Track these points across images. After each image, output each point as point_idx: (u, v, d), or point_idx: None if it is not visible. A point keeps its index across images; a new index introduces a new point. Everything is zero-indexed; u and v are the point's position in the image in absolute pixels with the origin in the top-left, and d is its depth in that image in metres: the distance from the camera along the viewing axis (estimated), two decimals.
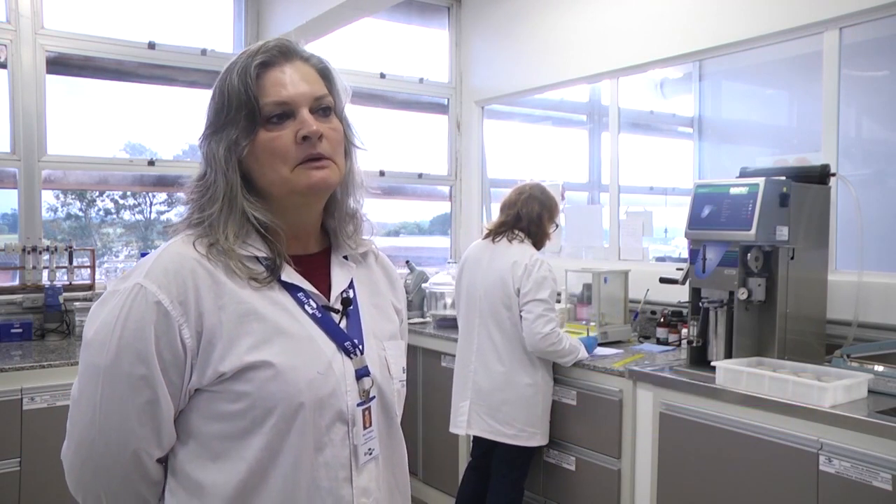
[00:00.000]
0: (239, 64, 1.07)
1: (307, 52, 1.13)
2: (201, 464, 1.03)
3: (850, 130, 3.53)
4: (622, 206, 3.99)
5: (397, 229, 5.11)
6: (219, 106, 1.07)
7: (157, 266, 1.02)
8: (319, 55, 1.15)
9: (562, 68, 4.15)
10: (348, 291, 1.16)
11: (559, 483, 3.09)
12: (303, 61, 1.11)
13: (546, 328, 2.86)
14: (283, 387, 1.01)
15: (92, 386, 1.01)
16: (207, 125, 1.09)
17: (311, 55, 1.13)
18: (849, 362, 2.49)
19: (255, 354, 1.01)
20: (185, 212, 1.11)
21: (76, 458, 1.04)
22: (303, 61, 1.11)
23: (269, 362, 1.01)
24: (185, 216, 1.10)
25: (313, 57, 1.13)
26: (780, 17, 3.12)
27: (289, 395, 1.01)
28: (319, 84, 1.11)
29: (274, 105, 1.05)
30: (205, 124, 1.09)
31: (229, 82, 1.06)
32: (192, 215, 1.08)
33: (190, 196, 1.09)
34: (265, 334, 1.03)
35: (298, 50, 1.12)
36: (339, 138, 1.11)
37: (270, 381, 1.01)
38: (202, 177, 1.09)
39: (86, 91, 3.91)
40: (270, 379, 1.01)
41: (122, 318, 0.99)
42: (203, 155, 1.09)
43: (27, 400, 2.82)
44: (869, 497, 2.04)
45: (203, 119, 1.10)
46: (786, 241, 2.58)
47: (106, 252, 4.07)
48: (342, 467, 1.06)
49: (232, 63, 1.09)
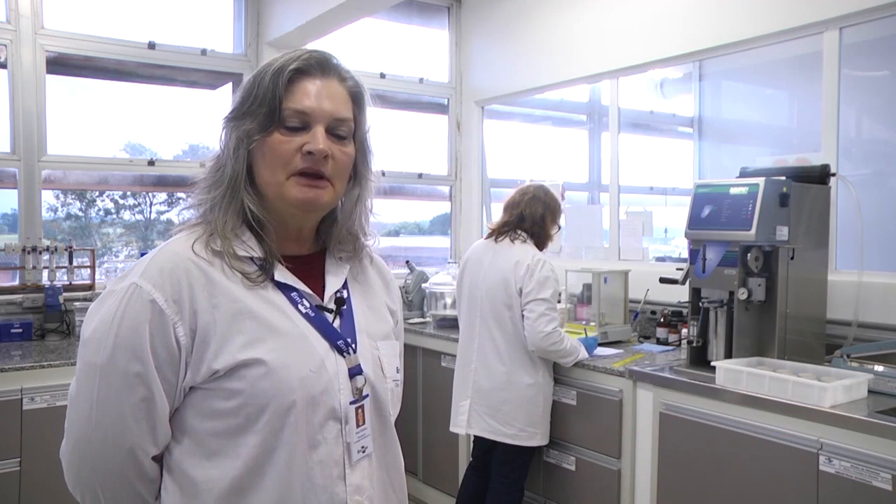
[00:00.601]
0: (277, 63, 1.09)
1: (347, 73, 1.14)
2: (196, 461, 1.04)
3: (850, 130, 3.53)
4: (622, 206, 3.99)
5: (397, 229, 5.11)
6: (245, 95, 1.09)
7: (153, 265, 1.04)
8: (357, 78, 1.16)
9: (562, 68, 4.15)
10: (342, 291, 1.17)
11: (559, 483, 3.09)
12: (339, 80, 1.12)
13: (548, 327, 2.86)
14: (275, 384, 1.03)
15: (89, 383, 1.02)
16: (231, 110, 1.11)
17: (350, 77, 1.14)
18: (849, 362, 2.49)
19: (248, 352, 1.03)
20: (195, 192, 1.13)
21: (74, 456, 1.05)
22: (339, 80, 1.12)
23: (261, 360, 1.03)
24: (194, 196, 1.12)
25: (351, 79, 1.15)
26: (780, 17, 3.12)
27: (281, 393, 1.03)
28: (346, 106, 1.12)
29: (293, 112, 1.07)
30: (230, 108, 1.12)
31: (262, 77, 1.08)
32: (199, 194, 1.11)
33: (204, 173, 1.12)
34: (258, 332, 1.04)
35: (338, 67, 1.13)
36: (347, 162, 1.12)
37: (263, 379, 1.02)
38: (217, 157, 1.12)
39: (86, 91, 3.91)
40: (263, 376, 1.02)
41: (118, 316, 1.01)
42: (220, 136, 1.12)
43: (27, 400, 2.82)
44: (869, 497, 2.04)
45: (229, 104, 1.12)
46: (786, 241, 2.58)
47: (106, 252, 4.07)
48: (336, 465, 1.08)
49: (273, 59, 1.11)
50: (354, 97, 1.14)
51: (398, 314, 1.31)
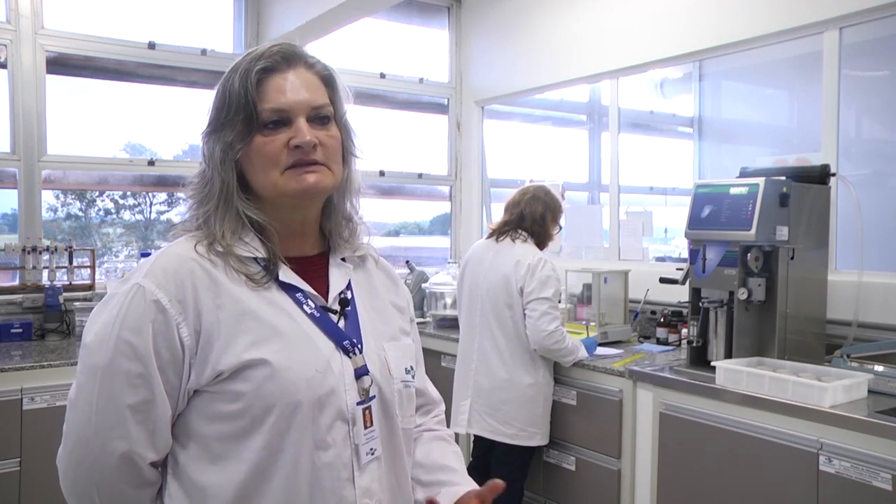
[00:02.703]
0: (242, 66, 1.08)
1: (312, 59, 1.13)
2: (203, 466, 1.03)
3: (850, 130, 3.54)
4: (622, 206, 3.99)
5: (397, 229, 5.11)
6: (219, 106, 1.08)
7: (156, 266, 1.03)
8: (324, 62, 1.14)
9: (562, 68, 4.15)
10: (346, 292, 1.16)
11: (559, 483, 3.09)
12: (306, 67, 1.11)
13: (550, 326, 2.86)
14: (280, 385, 1.01)
15: (90, 386, 1.01)
16: (208, 123, 1.10)
17: (316, 62, 1.13)
18: (849, 362, 2.49)
19: (253, 353, 1.02)
20: (186, 209, 1.12)
21: (71, 461, 1.04)
22: (306, 67, 1.11)
23: (265, 360, 1.01)
24: (185, 213, 1.12)
25: (318, 63, 1.13)
26: (780, 17, 3.12)
27: (287, 394, 1.01)
28: (321, 92, 1.11)
29: (271, 112, 1.06)
30: (206, 121, 1.10)
31: (231, 84, 1.07)
32: (190, 210, 1.10)
33: (190, 191, 1.11)
34: (262, 333, 1.03)
35: (303, 55, 1.12)
36: (335, 145, 1.11)
37: (268, 380, 1.01)
38: (202, 173, 1.10)
39: (86, 91, 3.91)
40: (268, 378, 1.01)
41: (120, 316, 1.00)
42: (202, 152, 1.10)
43: (27, 400, 2.81)
44: (869, 497, 2.04)
45: (205, 116, 1.11)
46: (786, 241, 2.58)
47: (106, 252, 4.07)
48: (344, 467, 1.06)
49: (236, 64, 1.09)
50: (326, 81, 1.13)
51: (409, 311, 1.29)
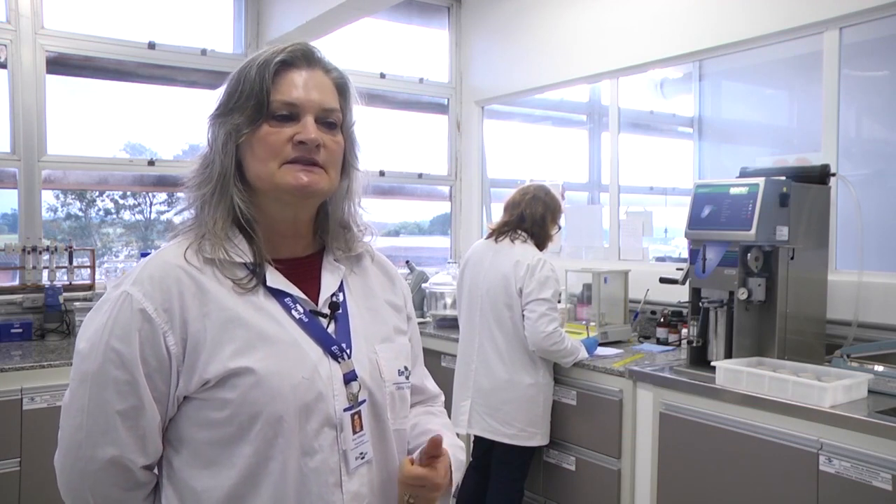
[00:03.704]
0: (262, 56, 1.09)
1: (331, 65, 1.15)
2: (196, 471, 1.04)
3: (850, 130, 3.53)
4: (622, 206, 3.99)
5: (397, 229, 5.11)
6: (232, 90, 1.09)
7: (144, 274, 1.04)
8: (342, 70, 1.16)
9: (562, 68, 4.15)
10: (338, 295, 1.15)
11: (559, 483, 3.09)
12: (324, 71, 1.13)
13: (549, 327, 2.86)
14: (266, 393, 1.02)
15: (81, 391, 1.02)
16: (217, 106, 1.11)
17: (333, 68, 1.15)
18: (849, 362, 2.49)
19: (238, 361, 1.02)
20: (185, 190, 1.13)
21: (65, 463, 1.05)
22: (324, 71, 1.13)
23: (250, 369, 1.02)
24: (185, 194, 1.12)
25: (336, 70, 1.15)
26: (780, 17, 3.12)
27: (273, 402, 1.02)
28: (333, 97, 1.12)
29: (282, 104, 1.07)
30: (216, 105, 1.11)
31: (248, 71, 1.08)
32: (189, 192, 1.11)
33: (192, 173, 1.12)
34: (248, 341, 1.03)
35: (323, 59, 1.13)
36: (338, 151, 1.12)
37: (253, 388, 1.01)
38: (204, 156, 1.11)
39: (86, 91, 3.91)
40: (253, 385, 1.01)
41: (108, 325, 1.02)
42: (207, 135, 1.11)
43: (27, 400, 2.81)
44: (869, 497, 2.04)
45: (215, 101, 1.12)
46: (786, 241, 2.58)
47: (106, 252, 4.07)
48: (331, 472, 1.06)
49: (257, 54, 1.11)
50: (340, 88, 1.14)
51: (408, 308, 1.29)
